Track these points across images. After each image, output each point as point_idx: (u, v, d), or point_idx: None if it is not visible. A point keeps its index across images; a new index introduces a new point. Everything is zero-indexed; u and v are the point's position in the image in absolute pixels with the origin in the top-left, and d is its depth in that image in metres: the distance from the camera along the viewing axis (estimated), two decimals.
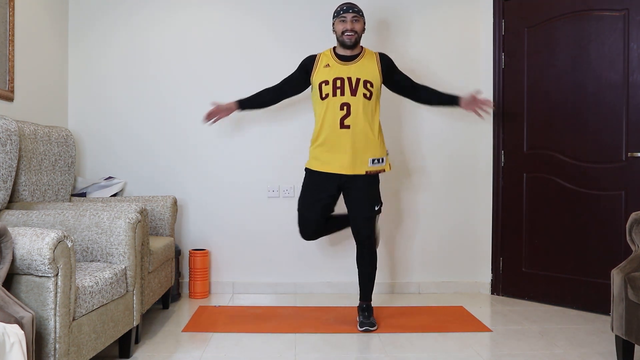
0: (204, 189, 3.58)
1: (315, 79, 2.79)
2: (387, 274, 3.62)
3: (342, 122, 2.72)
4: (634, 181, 2.98)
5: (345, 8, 2.76)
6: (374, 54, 2.84)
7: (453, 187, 3.63)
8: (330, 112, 2.74)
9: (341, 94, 2.72)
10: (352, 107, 2.71)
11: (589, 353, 2.47)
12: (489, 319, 3.01)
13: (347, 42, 2.74)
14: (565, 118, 3.23)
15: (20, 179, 2.53)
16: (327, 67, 2.78)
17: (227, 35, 3.57)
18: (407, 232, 3.62)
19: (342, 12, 2.76)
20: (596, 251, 3.11)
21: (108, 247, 2.28)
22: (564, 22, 3.23)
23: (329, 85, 2.73)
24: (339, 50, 2.82)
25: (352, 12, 2.75)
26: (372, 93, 2.75)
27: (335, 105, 2.73)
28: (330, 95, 2.73)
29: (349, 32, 2.73)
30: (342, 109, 2.72)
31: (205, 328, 2.81)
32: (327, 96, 2.74)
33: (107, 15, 3.55)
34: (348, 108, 2.71)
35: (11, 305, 1.61)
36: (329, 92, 2.73)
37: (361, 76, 2.74)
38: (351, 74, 2.73)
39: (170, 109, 3.57)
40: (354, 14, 2.75)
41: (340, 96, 2.72)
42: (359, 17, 2.76)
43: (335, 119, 2.73)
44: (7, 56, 2.78)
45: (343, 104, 2.72)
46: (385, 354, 2.46)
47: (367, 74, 2.75)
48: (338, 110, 2.72)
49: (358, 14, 2.77)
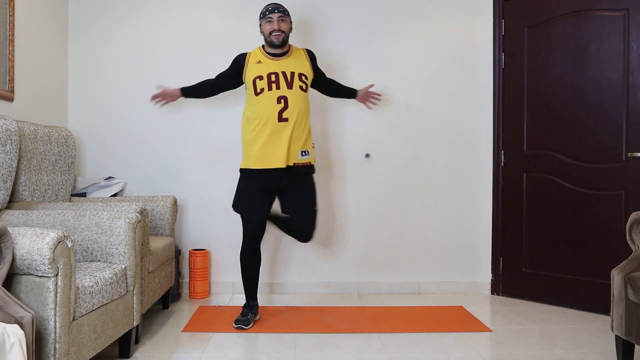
0: (204, 189, 3.58)
1: (248, 75, 2.83)
2: (387, 274, 3.62)
3: (280, 115, 2.74)
4: (634, 181, 2.98)
5: (271, 9, 2.84)
6: (301, 50, 2.93)
7: (453, 186, 3.63)
8: (267, 107, 2.75)
9: (277, 87, 2.76)
10: (290, 100, 2.75)
11: (589, 353, 2.47)
12: (489, 319, 3.01)
13: (275, 42, 2.81)
14: (565, 118, 3.23)
15: (20, 179, 2.53)
16: (259, 63, 2.83)
17: (227, 35, 3.57)
18: (407, 232, 3.62)
19: (268, 13, 2.83)
20: (596, 251, 3.11)
21: (108, 247, 2.28)
22: (564, 22, 3.23)
23: (264, 80, 2.77)
24: (268, 49, 2.88)
25: (277, 12, 2.82)
26: (307, 85, 2.85)
27: (272, 99, 2.75)
28: (266, 89, 2.76)
29: (276, 32, 2.80)
30: (280, 102, 2.75)
31: (205, 328, 2.81)
32: (262, 91, 2.77)
33: (108, 15, 3.55)
34: (285, 101, 2.75)
35: (11, 305, 1.61)
36: (264, 86, 2.77)
37: (295, 70, 2.81)
38: (285, 69, 2.80)
39: (170, 109, 3.57)
40: (279, 14, 2.82)
41: (277, 90, 2.76)
42: (284, 16, 2.83)
43: (273, 113, 2.74)
44: (7, 56, 2.78)
45: (280, 97, 2.75)
46: (385, 354, 2.46)
47: (300, 68, 2.83)
48: (275, 103, 2.75)
49: (284, 13, 2.84)
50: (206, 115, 3.58)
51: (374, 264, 3.60)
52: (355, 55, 3.58)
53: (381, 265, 3.61)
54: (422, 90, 3.61)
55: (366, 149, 3.60)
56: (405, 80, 3.60)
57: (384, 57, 3.59)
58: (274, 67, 2.80)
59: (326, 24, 3.57)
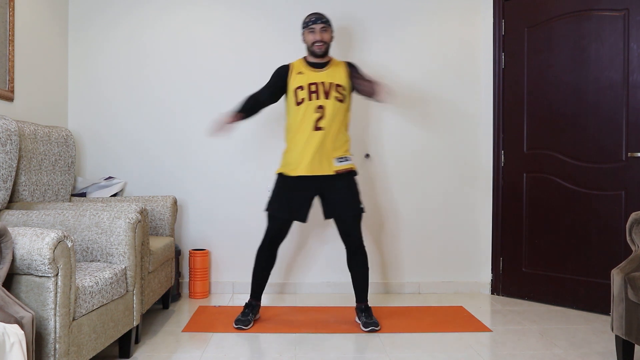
0: (204, 189, 3.58)
1: (291, 85, 2.87)
2: (387, 274, 3.62)
3: (316, 124, 2.80)
4: (634, 181, 2.98)
5: (314, 19, 2.85)
6: (341, 62, 2.95)
7: (453, 187, 3.63)
8: (307, 116, 2.81)
9: (316, 97, 2.81)
10: (326, 109, 2.80)
11: (589, 353, 2.47)
12: (489, 319, 3.01)
13: (317, 52, 2.84)
14: (565, 118, 3.23)
15: (20, 179, 2.53)
16: (300, 74, 2.87)
17: (227, 34, 3.57)
18: (407, 232, 3.62)
19: (311, 23, 2.85)
20: (596, 251, 3.11)
21: (108, 247, 2.28)
22: (564, 22, 3.23)
23: (305, 90, 2.82)
24: (309, 59, 2.91)
25: (320, 22, 2.84)
26: (345, 96, 2.86)
27: (310, 109, 2.81)
28: (307, 99, 2.82)
29: (318, 42, 2.83)
30: (317, 112, 2.80)
31: (205, 328, 2.81)
32: (303, 101, 2.82)
33: (108, 15, 3.55)
34: (323, 111, 2.80)
35: (11, 305, 1.61)
36: (305, 96, 2.82)
37: (333, 80, 2.84)
38: (324, 79, 2.84)
39: (171, 109, 3.57)
40: (322, 24, 2.84)
41: (316, 100, 2.81)
42: (327, 27, 2.86)
43: (310, 122, 2.80)
44: (7, 56, 2.78)
45: (319, 107, 2.80)
46: (385, 354, 2.46)
47: (338, 79, 2.85)
48: (314, 113, 2.80)
49: (326, 24, 2.86)
50: (206, 116, 3.57)
51: (373, 264, 3.60)
52: (354, 57, 3.57)
53: (381, 265, 3.61)
54: (422, 90, 3.61)
55: (366, 149, 3.60)
56: (405, 80, 3.60)
57: (383, 57, 3.59)
58: (315, 78, 2.84)
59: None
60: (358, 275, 2.89)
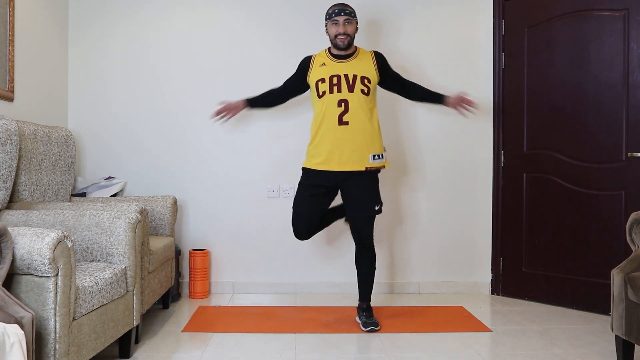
0: (203, 189, 3.58)
1: (312, 77, 2.80)
2: (387, 274, 3.62)
3: (340, 118, 2.71)
4: (634, 181, 2.98)
5: (338, 10, 2.74)
6: (368, 52, 2.85)
7: (453, 186, 3.63)
8: (328, 110, 2.73)
9: (338, 90, 2.71)
10: (350, 103, 2.71)
11: (589, 353, 2.47)
12: (489, 319, 3.01)
13: (341, 45, 2.75)
14: (565, 118, 3.23)
15: (20, 179, 2.53)
16: (323, 65, 2.79)
17: (227, 34, 3.57)
18: (407, 232, 3.62)
19: (334, 15, 2.74)
20: (596, 251, 3.11)
21: (108, 247, 2.28)
22: (564, 22, 3.23)
23: (326, 83, 2.73)
24: (333, 50, 2.83)
25: (344, 14, 2.73)
26: (370, 89, 2.75)
27: (333, 102, 2.72)
28: (327, 92, 2.73)
29: (342, 35, 2.72)
30: (340, 106, 2.71)
31: (205, 328, 2.81)
32: (324, 94, 2.74)
33: (108, 15, 3.55)
34: (346, 104, 2.70)
35: (11, 305, 1.61)
36: (326, 89, 2.73)
37: (358, 72, 2.73)
38: (347, 71, 2.73)
39: (171, 109, 3.57)
40: (346, 16, 2.73)
41: (338, 93, 2.71)
42: (351, 18, 2.74)
43: (333, 116, 2.72)
44: (7, 56, 2.78)
45: (341, 101, 2.71)
46: (385, 354, 2.46)
47: (364, 71, 2.75)
48: (336, 107, 2.71)
49: (350, 15, 2.74)
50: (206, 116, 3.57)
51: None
52: None
53: (381, 265, 3.61)
54: None
55: None
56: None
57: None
58: (337, 70, 2.74)
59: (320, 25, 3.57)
60: (363, 274, 2.88)
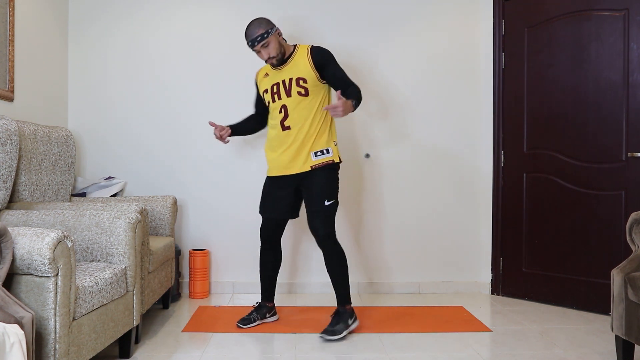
0: (204, 189, 3.58)
1: (261, 90, 2.89)
2: (386, 274, 3.62)
3: (282, 124, 2.74)
4: (634, 181, 2.98)
5: (250, 43, 2.70)
6: (305, 49, 2.77)
7: (453, 186, 3.63)
8: (273, 117, 2.80)
9: (278, 97, 2.77)
10: (289, 107, 2.73)
11: (589, 353, 2.47)
12: (489, 319, 3.01)
13: (275, 64, 2.76)
14: (565, 118, 3.23)
15: (20, 179, 2.53)
16: (266, 76, 2.85)
17: (227, 34, 3.57)
18: (407, 232, 3.62)
19: (251, 48, 2.72)
20: (596, 251, 3.11)
21: (108, 247, 2.28)
22: (564, 22, 3.23)
23: (269, 92, 2.81)
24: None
25: (257, 44, 2.68)
26: (308, 89, 2.72)
27: (276, 110, 2.78)
28: (271, 101, 2.80)
29: (268, 59, 2.73)
30: (281, 112, 2.75)
31: (205, 328, 2.81)
32: (269, 103, 2.82)
33: (108, 15, 3.55)
34: (285, 109, 2.74)
35: (11, 305, 1.61)
36: (269, 99, 2.80)
37: (293, 75, 2.74)
38: (285, 77, 2.76)
39: (171, 109, 3.57)
40: (259, 44, 2.68)
41: (278, 100, 2.76)
42: (264, 41, 2.68)
43: (277, 124, 2.77)
44: (7, 56, 2.78)
45: (281, 107, 2.75)
46: (385, 354, 2.46)
47: (298, 72, 2.73)
48: (278, 114, 2.76)
49: (262, 40, 2.67)
50: (206, 116, 3.58)
51: (373, 264, 3.60)
52: (355, 55, 3.58)
53: (381, 265, 3.61)
54: (422, 90, 3.61)
55: (366, 149, 3.60)
56: (405, 80, 3.60)
57: (384, 57, 3.59)
58: (277, 77, 2.78)
59: (323, 24, 3.57)
60: (331, 276, 2.75)
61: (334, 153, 2.75)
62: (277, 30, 2.74)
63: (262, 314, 2.90)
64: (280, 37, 2.77)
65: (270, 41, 2.70)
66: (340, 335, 2.64)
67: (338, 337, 2.63)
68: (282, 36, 2.80)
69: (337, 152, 2.77)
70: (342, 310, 2.74)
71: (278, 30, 2.75)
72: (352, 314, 2.75)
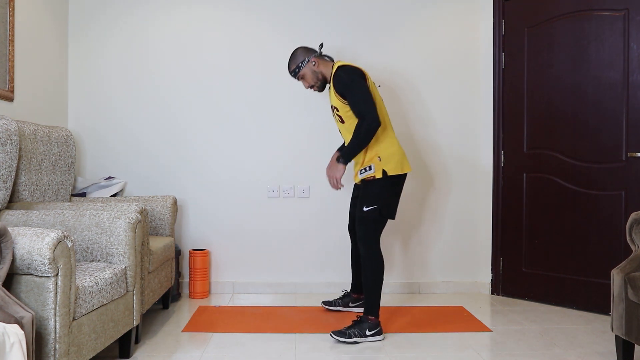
0: (204, 189, 3.58)
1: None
2: (386, 274, 3.62)
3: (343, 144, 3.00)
4: (634, 181, 2.98)
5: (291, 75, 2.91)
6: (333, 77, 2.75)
7: (453, 186, 3.63)
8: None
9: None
10: (339, 129, 2.88)
11: (589, 353, 2.47)
12: (489, 319, 3.01)
13: (318, 91, 2.90)
14: (565, 118, 3.23)
15: (20, 179, 2.53)
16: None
17: (227, 33, 3.57)
18: (407, 232, 3.62)
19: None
20: (596, 251, 3.11)
21: (108, 247, 2.28)
22: (564, 22, 3.23)
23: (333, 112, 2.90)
24: None
25: (294, 76, 2.86)
26: (342, 117, 2.77)
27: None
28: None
29: (309, 88, 2.89)
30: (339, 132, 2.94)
31: (205, 328, 2.81)
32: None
33: (108, 15, 3.55)
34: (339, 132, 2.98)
35: (11, 305, 1.61)
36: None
37: (330, 102, 2.85)
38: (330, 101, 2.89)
39: (171, 109, 3.57)
40: (295, 78, 2.86)
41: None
42: (300, 72, 2.82)
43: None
44: (7, 56, 2.78)
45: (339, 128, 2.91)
46: (385, 354, 2.46)
47: (331, 100, 2.82)
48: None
49: (296, 73, 2.83)
50: (206, 116, 3.58)
51: None
52: (355, 56, 3.58)
53: None
54: (422, 90, 3.61)
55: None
56: (405, 80, 3.60)
57: (384, 57, 3.59)
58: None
59: (321, 23, 3.57)
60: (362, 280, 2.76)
61: (375, 169, 2.69)
62: (312, 59, 2.80)
63: (345, 302, 3.11)
64: (316, 66, 2.81)
65: (305, 73, 2.82)
66: (349, 340, 2.59)
67: (345, 340, 2.59)
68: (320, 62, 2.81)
69: (380, 167, 2.69)
70: (364, 319, 2.66)
71: (313, 60, 2.80)
72: (374, 326, 2.64)
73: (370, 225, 2.69)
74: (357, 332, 2.61)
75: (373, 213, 2.68)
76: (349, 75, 2.65)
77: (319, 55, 2.83)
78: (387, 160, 2.70)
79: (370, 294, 2.67)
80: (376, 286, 2.66)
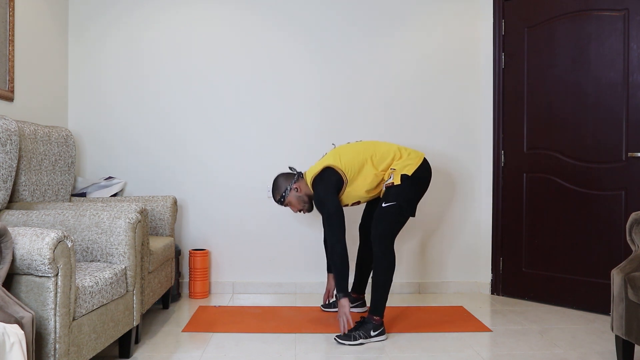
0: (203, 189, 3.58)
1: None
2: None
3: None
4: (634, 181, 2.98)
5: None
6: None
7: (453, 186, 3.63)
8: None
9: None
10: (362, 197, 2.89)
11: (589, 353, 2.47)
12: (489, 319, 3.01)
13: (308, 212, 2.96)
14: (565, 118, 3.23)
15: (20, 179, 2.53)
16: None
17: (227, 33, 3.57)
18: (407, 232, 3.62)
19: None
20: (596, 251, 3.11)
21: (108, 247, 2.28)
22: (564, 22, 3.23)
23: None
24: None
25: (280, 204, 2.94)
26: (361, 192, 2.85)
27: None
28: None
29: (298, 212, 2.98)
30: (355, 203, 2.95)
31: (205, 328, 2.81)
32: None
33: (108, 15, 3.55)
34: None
35: (11, 305, 1.61)
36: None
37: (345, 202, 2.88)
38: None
39: (171, 109, 3.57)
40: (281, 205, 2.93)
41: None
42: (285, 200, 2.88)
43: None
44: (7, 56, 2.78)
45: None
46: (385, 354, 2.46)
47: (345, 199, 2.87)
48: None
49: (282, 201, 2.89)
50: (207, 116, 3.58)
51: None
52: (355, 55, 3.58)
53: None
54: (422, 90, 3.61)
55: None
56: (405, 80, 3.60)
57: (384, 57, 3.59)
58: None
59: (322, 21, 3.57)
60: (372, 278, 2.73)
61: (394, 178, 2.70)
62: (293, 186, 2.86)
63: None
64: (299, 191, 2.86)
65: (289, 202, 2.90)
66: (354, 342, 2.58)
67: (350, 343, 2.58)
68: (301, 185, 2.86)
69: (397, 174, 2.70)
70: (369, 319, 2.65)
71: (294, 186, 2.86)
72: (378, 327, 2.64)
73: (386, 222, 2.67)
74: (362, 334, 2.61)
75: (392, 208, 2.66)
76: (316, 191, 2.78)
77: (297, 179, 2.87)
78: (401, 169, 2.71)
79: (378, 294, 2.65)
80: (386, 286, 2.66)
